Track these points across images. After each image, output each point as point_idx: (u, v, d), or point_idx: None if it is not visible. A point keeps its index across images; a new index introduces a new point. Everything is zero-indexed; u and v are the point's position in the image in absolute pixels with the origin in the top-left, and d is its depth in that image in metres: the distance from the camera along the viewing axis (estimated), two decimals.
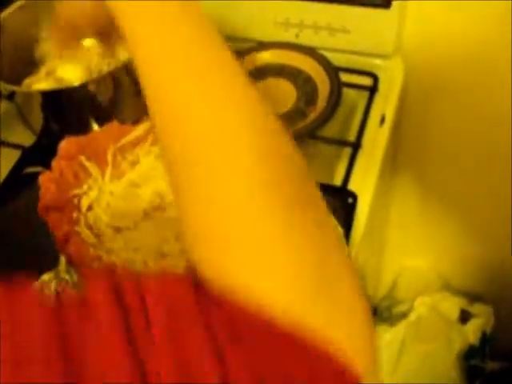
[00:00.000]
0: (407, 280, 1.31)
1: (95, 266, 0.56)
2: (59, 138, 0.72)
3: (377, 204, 0.82)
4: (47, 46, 0.94)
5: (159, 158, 0.68)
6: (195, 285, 0.34)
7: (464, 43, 0.92)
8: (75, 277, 0.64)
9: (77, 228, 0.62)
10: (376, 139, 0.82)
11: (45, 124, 0.86)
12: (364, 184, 0.77)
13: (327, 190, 0.75)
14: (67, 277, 0.65)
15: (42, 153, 0.84)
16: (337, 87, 0.84)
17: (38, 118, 0.86)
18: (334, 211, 0.69)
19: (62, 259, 0.64)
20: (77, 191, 0.65)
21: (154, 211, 0.65)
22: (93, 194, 0.66)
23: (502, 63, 0.91)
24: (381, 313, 1.31)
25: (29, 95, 0.84)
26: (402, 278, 1.32)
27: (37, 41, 0.93)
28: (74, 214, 0.63)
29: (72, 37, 0.93)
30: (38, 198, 0.63)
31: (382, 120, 0.85)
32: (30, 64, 0.92)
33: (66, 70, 0.89)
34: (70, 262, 0.60)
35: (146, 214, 0.65)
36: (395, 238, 1.28)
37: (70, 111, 0.84)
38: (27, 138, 0.87)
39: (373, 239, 1.11)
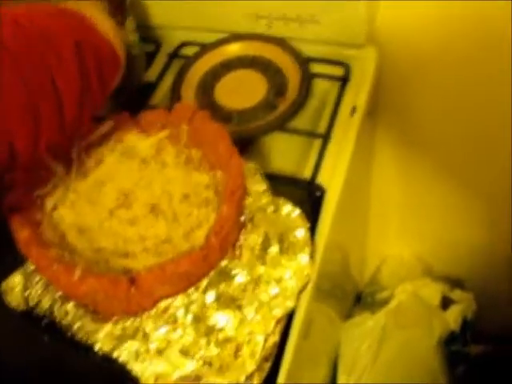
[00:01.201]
0: (390, 267, 1.32)
1: (56, 267, 0.56)
2: None
3: (349, 194, 0.82)
4: None
5: (124, 155, 0.68)
6: None
7: (439, 29, 0.91)
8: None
9: (40, 229, 0.62)
10: (346, 130, 0.82)
11: None
12: (333, 176, 0.77)
13: (295, 183, 0.75)
14: (33, 276, 0.66)
15: None
16: (306, 78, 0.84)
17: None
18: (302, 205, 0.69)
19: None
20: (40, 192, 0.65)
21: (119, 209, 0.65)
22: (57, 193, 0.66)
23: (477, 49, 0.90)
24: (364, 299, 1.32)
25: None
26: (386, 265, 1.33)
27: None
28: (38, 215, 0.63)
29: None
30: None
31: (353, 110, 0.84)
32: None
33: None
34: (32, 263, 0.61)
35: (111, 213, 0.65)
36: (377, 225, 1.29)
37: None
38: None
39: (352, 228, 1.11)
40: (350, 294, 1.31)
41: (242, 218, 0.63)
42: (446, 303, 1.21)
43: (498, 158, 1.04)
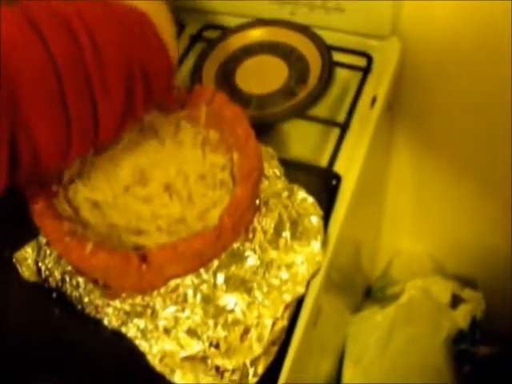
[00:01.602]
0: (402, 262, 1.31)
1: (68, 240, 0.56)
2: None
3: (364, 185, 0.81)
4: None
5: (142, 133, 0.68)
6: None
7: (464, 24, 0.90)
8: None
9: (55, 201, 0.62)
10: (365, 121, 0.82)
11: None
12: (350, 165, 0.77)
13: (311, 170, 0.75)
14: (46, 248, 0.66)
15: None
16: (328, 66, 0.83)
17: None
18: (317, 192, 0.69)
19: None
20: None
21: (134, 186, 0.65)
22: (75, 166, 0.66)
23: (503, 45, 0.89)
24: (374, 293, 1.32)
25: None
26: (397, 259, 1.33)
27: None
28: (54, 187, 0.63)
29: None
30: None
31: (373, 101, 0.84)
32: None
33: None
34: (45, 235, 0.61)
35: (126, 189, 0.65)
36: (392, 220, 1.28)
37: None
38: None
39: (365, 220, 1.11)
40: (359, 287, 1.30)
41: (257, 202, 0.63)
42: (455, 302, 1.21)
43: (510, 161, 1.03)
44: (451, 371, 1.15)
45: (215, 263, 0.59)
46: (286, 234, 0.63)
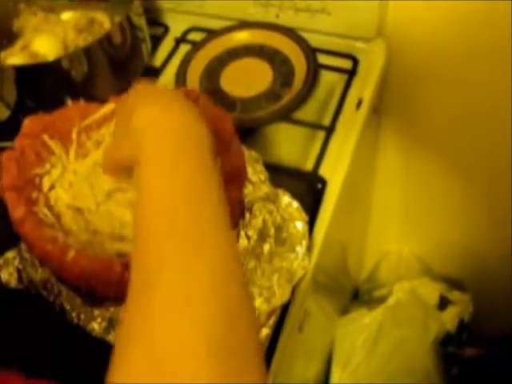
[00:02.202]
0: (389, 264, 1.31)
1: (49, 248, 0.56)
2: (35, 113, 0.71)
3: (350, 189, 0.81)
4: (25, 19, 0.93)
5: None
6: None
7: (449, 27, 0.90)
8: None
9: (35, 208, 0.61)
10: (351, 123, 0.81)
11: (19, 99, 0.85)
12: (335, 169, 0.76)
13: (296, 174, 0.75)
14: (27, 255, 0.65)
15: (16, 128, 0.83)
16: (313, 69, 0.83)
17: (12, 92, 0.85)
18: (302, 197, 0.68)
19: None
20: (38, 170, 0.64)
21: (116, 193, 0.64)
22: (55, 172, 0.65)
23: (488, 47, 0.89)
24: (361, 295, 1.32)
25: (2, 70, 0.83)
26: (385, 262, 1.32)
27: (15, 14, 0.93)
28: (34, 194, 0.62)
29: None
30: None
31: (359, 104, 0.83)
32: (7, 37, 0.92)
33: (42, 43, 0.87)
34: (25, 243, 0.60)
35: (108, 196, 0.64)
36: (379, 222, 1.28)
37: (43, 87, 0.83)
38: (2, 113, 0.86)
39: (352, 222, 1.11)
40: (346, 290, 1.30)
41: (241, 207, 0.62)
42: (443, 303, 1.21)
43: (500, 161, 1.03)
44: (439, 373, 1.15)
45: None
46: (271, 240, 0.62)
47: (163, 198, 0.43)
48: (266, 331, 0.59)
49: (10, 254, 0.67)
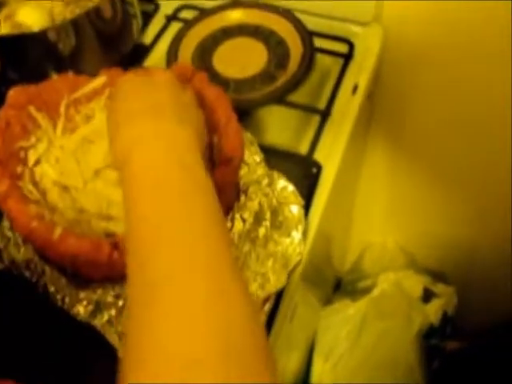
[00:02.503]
0: (373, 255, 1.30)
1: (35, 225, 0.53)
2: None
3: (343, 175, 0.79)
4: None
5: None
6: None
7: (446, 14, 0.88)
8: (18, 234, 0.61)
9: (20, 183, 0.58)
10: (347, 108, 0.79)
11: (2, 71, 0.81)
12: (330, 154, 0.74)
13: (291, 158, 0.72)
14: (10, 233, 0.62)
15: None
16: (309, 52, 0.81)
17: None
18: (297, 180, 0.66)
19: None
20: (23, 143, 0.61)
21: (105, 170, 0.61)
22: (41, 147, 0.62)
23: (485, 36, 0.88)
24: (345, 286, 1.30)
25: None
26: (369, 253, 1.31)
27: None
28: (19, 168, 0.59)
29: None
30: None
31: (355, 89, 0.81)
32: None
33: (27, 14, 0.84)
34: (9, 219, 0.57)
35: (97, 173, 0.61)
36: (363, 212, 1.26)
37: (28, 59, 0.79)
38: None
39: (339, 211, 1.09)
40: (329, 281, 1.28)
41: (236, 189, 0.59)
42: (427, 296, 1.20)
43: (486, 152, 1.02)
44: (422, 366, 1.14)
45: None
46: (266, 223, 0.60)
47: (153, 211, 0.43)
48: (260, 318, 0.57)
49: None
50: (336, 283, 1.33)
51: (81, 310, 0.57)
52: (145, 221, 0.42)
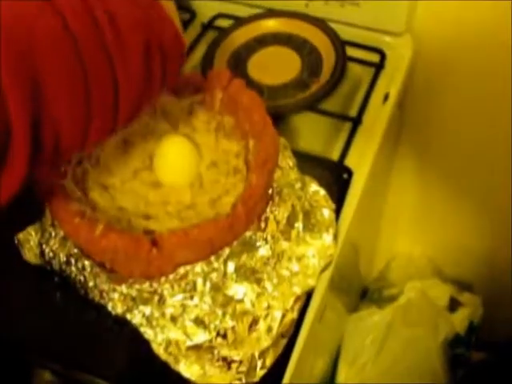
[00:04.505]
0: (400, 264, 1.30)
1: (78, 221, 0.55)
2: None
3: (373, 182, 0.80)
4: None
5: (153, 117, 0.66)
6: None
7: (477, 27, 0.90)
8: (59, 230, 0.63)
9: (63, 181, 0.60)
10: (378, 116, 0.81)
11: None
12: (361, 161, 0.76)
13: (323, 163, 0.74)
14: (51, 229, 0.64)
15: None
16: (342, 61, 0.82)
17: None
18: (328, 186, 0.68)
19: (48, 212, 0.63)
20: None
21: (142, 171, 0.63)
22: None
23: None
24: (371, 294, 1.31)
25: None
26: (396, 261, 1.32)
27: None
28: (62, 168, 0.61)
29: None
30: None
31: (386, 98, 0.83)
32: None
33: None
34: (53, 216, 0.59)
35: (135, 174, 0.63)
36: (390, 221, 1.27)
37: None
38: None
39: (367, 219, 1.10)
40: (355, 288, 1.29)
41: (270, 191, 0.61)
42: (453, 305, 1.20)
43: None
44: (447, 375, 1.14)
45: (226, 251, 0.58)
46: (299, 225, 0.62)
47: None
48: (291, 316, 0.59)
49: (32, 229, 0.66)
50: (363, 292, 1.34)
51: (118, 305, 0.59)
52: None
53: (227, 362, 0.57)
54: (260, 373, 0.57)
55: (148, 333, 0.58)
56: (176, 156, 0.63)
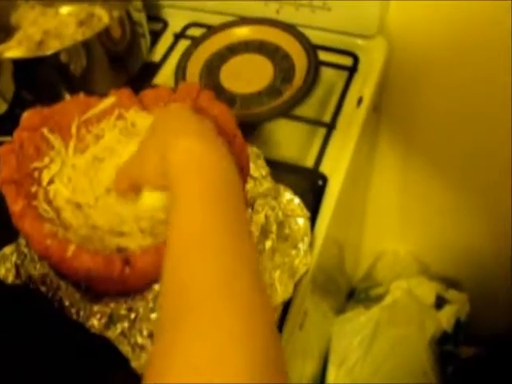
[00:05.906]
0: (386, 263, 1.31)
1: (49, 242, 0.55)
2: (32, 107, 0.70)
3: (349, 186, 0.80)
4: (23, 13, 0.92)
5: (124, 133, 0.66)
6: None
7: (450, 25, 0.90)
8: (33, 251, 0.63)
9: (35, 202, 0.60)
10: (352, 121, 0.81)
11: (16, 93, 0.84)
12: (336, 166, 0.76)
13: (297, 171, 0.74)
14: (26, 250, 0.64)
15: (13, 122, 0.82)
16: (314, 66, 0.82)
17: (9, 86, 0.84)
18: (304, 193, 0.68)
19: None
20: (37, 164, 0.63)
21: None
22: (54, 167, 0.64)
23: (488, 46, 0.89)
24: (358, 294, 1.31)
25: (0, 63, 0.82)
26: (381, 261, 1.32)
27: (13, 7, 0.92)
28: (33, 188, 0.61)
29: None
30: None
31: (360, 101, 0.83)
32: (5, 31, 0.91)
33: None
34: (25, 237, 0.59)
35: (108, 191, 0.63)
36: (375, 221, 1.28)
37: (42, 80, 0.82)
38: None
39: (349, 221, 1.10)
40: (342, 289, 1.30)
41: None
42: (440, 303, 1.21)
43: (499, 161, 1.03)
44: (435, 373, 1.14)
45: None
46: (273, 236, 0.62)
47: (200, 230, 0.44)
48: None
49: (8, 250, 0.66)
50: (349, 292, 1.34)
51: (95, 322, 0.59)
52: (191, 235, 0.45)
53: None
54: None
55: (126, 349, 0.58)
56: None
